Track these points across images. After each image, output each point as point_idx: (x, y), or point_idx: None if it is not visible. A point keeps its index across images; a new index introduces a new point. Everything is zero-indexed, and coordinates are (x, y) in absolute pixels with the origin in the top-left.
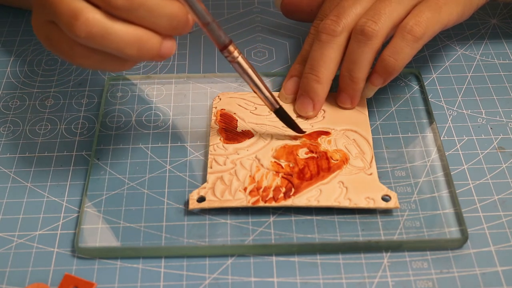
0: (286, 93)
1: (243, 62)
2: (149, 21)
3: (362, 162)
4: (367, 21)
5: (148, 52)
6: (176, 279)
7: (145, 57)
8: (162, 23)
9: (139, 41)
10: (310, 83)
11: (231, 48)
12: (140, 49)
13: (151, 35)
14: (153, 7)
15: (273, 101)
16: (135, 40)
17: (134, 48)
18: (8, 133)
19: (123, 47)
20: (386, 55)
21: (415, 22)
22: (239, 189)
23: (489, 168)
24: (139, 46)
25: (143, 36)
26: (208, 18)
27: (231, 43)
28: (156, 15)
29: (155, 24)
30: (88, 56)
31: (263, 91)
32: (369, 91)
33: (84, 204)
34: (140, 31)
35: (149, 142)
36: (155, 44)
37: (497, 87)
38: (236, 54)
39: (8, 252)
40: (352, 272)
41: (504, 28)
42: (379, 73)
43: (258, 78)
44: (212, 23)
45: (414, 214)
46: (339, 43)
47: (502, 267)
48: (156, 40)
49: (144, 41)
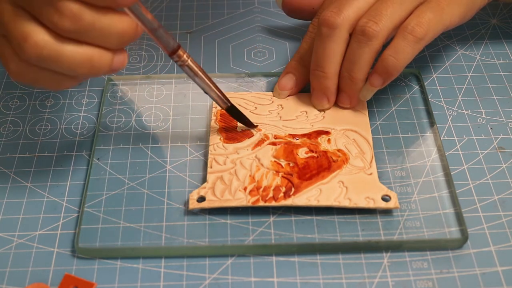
0: (280, 89)
1: (193, 65)
2: (100, 41)
3: (362, 162)
4: (368, 21)
5: (100, 69)
6: (176, 279)
7: (97, 74)
8: (113, 41)
9: (90, 60)
10: (319, 80)
11: (180, 52)
12: (92, 67)
13: (102, 52)
14: (103, 27)
15: (224, 99)
16: (86, 59)
17: (86, 67)
18: (8, 133)
19: (74, 67)
20: (387, 54)
21: (417, 22)
22: (239, 188)
23: (489, 168)
24: (91, 64)
25: (95, 54)
26: (155, 25)
27: (179, 47)
28: (107, 34)
29: (106, 43)
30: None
31: (215, 91)
32: (367, 93)
33: (84, 204)
34: (91, 50)
35: (149, 142)
36: (107, 60)
37: (497, 87)
38: (185, 58)
39: (8, 252)
40: (352, 272)
41: (504, 28)
42: (379, 73)
43: (208, 79)
44: (159, 29)
45: (414, 214)
46: (340, 36)
47: (502, 267)
48: (107, 56)
49: (95, 59)
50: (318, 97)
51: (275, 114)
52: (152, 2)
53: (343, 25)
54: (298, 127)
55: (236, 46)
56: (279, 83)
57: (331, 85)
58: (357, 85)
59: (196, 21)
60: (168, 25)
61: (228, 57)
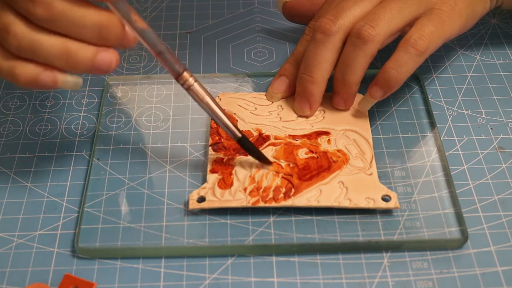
0: (273, 91)
1: (200, 89)
2: (74, 32)
3: (362, 162)
4: (364, 25)
5: (79, 63)
6: (176, 279)
7: (77, 69)
8: (89, 34)
9: (67, 52)
10: (305, 84)
11: (185, 75)
12: (69, 60)
13: (82, 46)
14: (75, 17)
15: (235, 130)
16: (62, 51)
17: (63, 59)
18: (8, 133)
19: (51, 58)
20: (389, 67)
21: (419, 35)
22: (239, 189)
23: (489, 168)
24: (68, 57)
25: (72, 47)
26: (161, 47)
27: (185, 70)
28: (80, 25)
29: (81, 35)
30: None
31: (223, 120)
32: (367, 104)
33: (84, 204)
34: (70, 42)
35: (149, 142)
36: (87, 55)
37: (497, 87)
38: (191, 81)
39: (8, 252)
40: (352, 272)
41: (504, 28)
42: (380, 86)
43: (217, 105)
44: (165, 52)
45: (414, 214)
46: (334, 43)
47: (502, 267)
48: (88, 51)
49: (72, 52)
50: (300, 102)
51: (275, 115)
52: (152, 2)
53: (338, 32)
54: (298, 127)
55: (236, 46)
56: (272, 86)
57: (316, 92)
58: (350, 88)
59: (196, 21)
60: (168, 25)
61: (228, 57)
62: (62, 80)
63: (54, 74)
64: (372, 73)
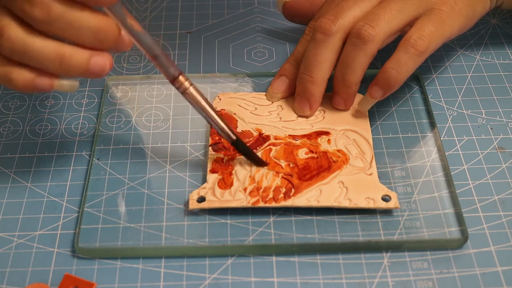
0: (273, 91)
1: (195, 92)
2: (71, 34)
3: (362, 162)
4: (364, 24)
5: (72, 67)
6: (176, 279)
7: (71, 73)
8: (86, 37)
9: (61, 56)
10: (305, 84)
11: (181, 78)
12: (63, 64)
13: (76, 50)
14: (73, 19)
15: (230, 132)
16: (56, 55)
17: (56, 63)
18: (8, 133)
19: (45, 62)
20: (389, 67)
21: (419, 36)
22: (239, 189)
23: (489, 168)
24: (61, 61)
25: (66, 51)
26: (156, 51)
27: (180, 74)
28: (77, 27)
29: (78, 38)
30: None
31: (219, 123)
32: (367, 104)
33: (84, 204)
34: (63, 46)
35: (149, 142)
36: (80, 59)
37: (497, 87)
38: (187, 85)
39: (8, 252)
40: (352, 272)
41: (504, 28)
42: (380, 86)
43: (212, 109)
44: (161, 56)
45: (414, 214)
46: (334, 43)
47: (502, 267)
48: (82, 55)
49: (67, 56)
50: (300, 102)
51: (275, 115)
52: (152, 2)
53: (338, 32)
54: (298, 127)
55: (236, 46)
56: (272, 86)
57: (316, 92)
58: (350, 88)
59: (196, 21)
60: (168, 25)
61: (228, 57)
62: (58, 83)
63: (49, 78)
64: (372, 73)
